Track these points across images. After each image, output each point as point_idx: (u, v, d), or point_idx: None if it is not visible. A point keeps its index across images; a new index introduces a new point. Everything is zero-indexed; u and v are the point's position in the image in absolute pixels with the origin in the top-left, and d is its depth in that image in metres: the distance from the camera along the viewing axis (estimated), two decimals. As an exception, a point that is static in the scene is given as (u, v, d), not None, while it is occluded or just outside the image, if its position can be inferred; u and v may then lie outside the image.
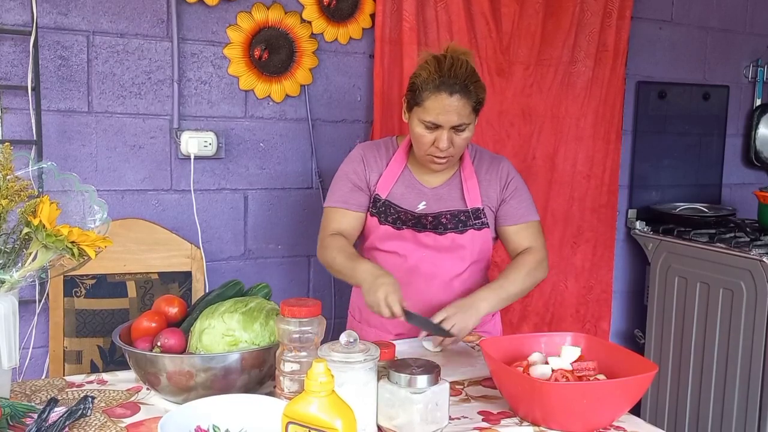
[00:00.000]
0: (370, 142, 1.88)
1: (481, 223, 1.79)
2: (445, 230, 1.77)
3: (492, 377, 1.37)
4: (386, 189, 1.78)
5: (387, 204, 1.78)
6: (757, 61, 3.13)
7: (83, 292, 1.96)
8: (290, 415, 0.97)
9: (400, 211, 1.78)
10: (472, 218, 1.78)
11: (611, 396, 1.22)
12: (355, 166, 1.80)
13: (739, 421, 2.45)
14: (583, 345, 1.38)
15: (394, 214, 1.77)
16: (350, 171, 1.80)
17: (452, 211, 1.78)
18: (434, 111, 1.63)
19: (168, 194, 2.23)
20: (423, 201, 1.79)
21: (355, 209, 1.78)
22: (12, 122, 2.01)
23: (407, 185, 1.80)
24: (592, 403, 1.20)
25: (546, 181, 2.70)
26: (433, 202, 1.79)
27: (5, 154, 1.21)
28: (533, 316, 2.74)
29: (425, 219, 1.77)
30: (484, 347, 1.33)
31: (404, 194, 1.79)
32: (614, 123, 2.77)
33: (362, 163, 1.80)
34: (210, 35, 2.21)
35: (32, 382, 1.41)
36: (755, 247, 2.42)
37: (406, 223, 1.77)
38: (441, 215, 1.77)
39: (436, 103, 1.63)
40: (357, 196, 1.78)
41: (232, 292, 1.49)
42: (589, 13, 2.66)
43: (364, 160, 1.81)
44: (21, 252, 1.23)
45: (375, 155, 1.81)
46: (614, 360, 1.33)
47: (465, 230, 1.78)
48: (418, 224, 1.77)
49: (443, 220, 1.77)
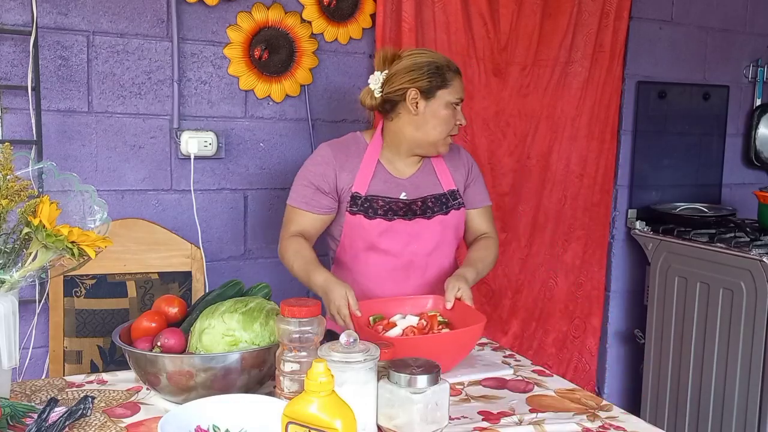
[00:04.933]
0: (336, 141, 1.88)
1: (459, 203, 1.90)
2: (433, 214, 1.85)
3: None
4: (365, 186, 1.81)
5: (371, 199, 1.80)
6: (757, 61, 3.13)
7: (83, 292, 1.96)
8: (290, 415, 0.98)
9: (390, 201, 1.81)
10: (451, 199, 1.89)
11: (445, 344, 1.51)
12: (322, 169, 1.81)
13: (739, 421, 2.45)
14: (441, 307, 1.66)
15: (385, 206, 1.80)
16: (317, 173, 1.81)
17: (434, 194, 1.87)
18: (459, 89, 1.79)
19: (168, 194, 2.23)
20: (403, 192, 1.84)
21: (317, 211, 1.81)
22: (12, 122, 2.02)
23: (383, 179, 1.84)
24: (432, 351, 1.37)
25: (539, 180, 2.72)
26: (412, 191, 1.85)
27: (5, 154, 1.21)
28: (522, 311, 2.76)
29: (414, 205, 1.83)
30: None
31: (383, 188, 1.83)
32: (609, 123, 2.78)
33: (331, 166, 1.81)
34: (210, 35, 2.22)
35: (32, 382, 1.41)
36: (755, 247, 2.42)
37: (397, 213, 1.81)
38: (427, 200, 1.85)
39: (458, 82, 1.79)
40: (320, 198, 1.80)
41: (232, 292, 1.49)
42: (586, 13, 2.67)
43: (335, 161, 1.81)
44: (21, 252, 1.23)
45: (345, 155, 1.83)
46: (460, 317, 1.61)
47: (448, 211, 1.87)
48: (408, 212, 1.82)
49: (430, 204, 1.85)
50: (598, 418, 1.33)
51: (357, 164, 1.82)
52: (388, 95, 1.78)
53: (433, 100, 1.76)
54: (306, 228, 1.81)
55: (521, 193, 2.69)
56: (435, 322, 1.60)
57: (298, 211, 1.81)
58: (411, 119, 1.78)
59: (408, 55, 1.79)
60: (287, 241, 1.79)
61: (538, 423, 1.29)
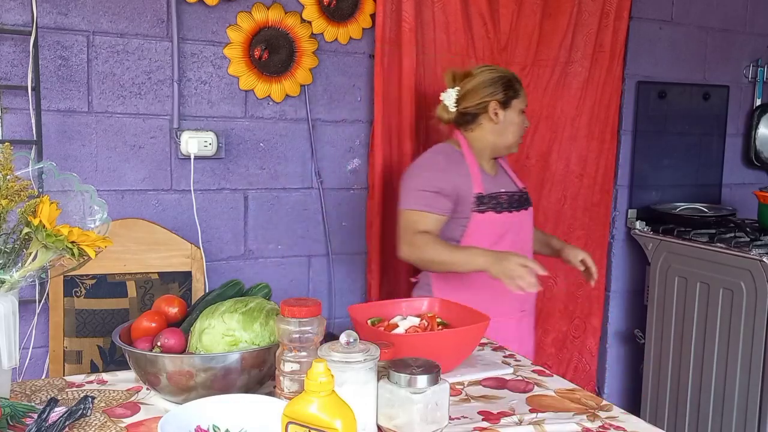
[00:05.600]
0: (439, 150, 2.07)
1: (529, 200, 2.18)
2: (528, 206, 2.14)
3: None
4: (480, 186, 2.00)
5: (494, 196, 2.02)
6: (757, 61, 3.14)
7: (83, 292, 1.96)
8: (290, 415, 0.98)
9: (512, 194, 2.07)
10: (526, 195, 2.15)
11: (448, 342, 1.51)
12: (440, 174, 1.97)
13: (739, 421, 2.45)
14: (437, 307, 1.69)
15: (508, 199, 2.05)
16: (435, 178, 1.96)
17: (519, 191, 2.13)
18: (525, 97, 2.08)
19: (168, 194, 2.23)
20: (502, 188, 2.08)
21: (438, 212, 1.95)
22: (12, 122, 2.02)
23: (487, 179, 2.05)
24: (434, 349, 1.42)
25: (539, 179, 2.72)
26: (501, 188, 2.08)
27: (5, 154, 1.21)
28: None
29: (522, 197, 2.11)
30: (351, 313, 1.55)
31: (491, 186, 2.04)
32: (609, 123, 2.78)
33: (447, 171, 1.98)
34: (210, 35, 2.22)
35: (32, 382, 1.41)
36: (755, 247, 2.42)
37: (512, 205, 2.06)
38: (517, 194, 2.10)
39: (523, 92, 2.07)
40: (441, 201, 1.95)
41: (232, 292, 1.49)
42: (586, 13, 2.67)
43: (448, 167, 1.99)
44: (21, 252, 1.23)
45: (452, 162, 2.01)
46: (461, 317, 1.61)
47: (530, 206, 2.15)
48: (519, 203, 2.09)
49: (524, 198, 2.13)
50: (598, 418, 1.33)
51: (462, 169, 2.00)
52: (468, 109, 2.02)
53: (509, 109, 2.03)
54: (430, 228, 1.94)
55: (521, 193, 2.69)
56: (434, 322, 1.60)
57: (420, 214, 1.93)
58: (492, 127, 2.03)
59: (480, 72, 2.03)
60: (418, 237, 1.91)
61: (538, 423, 1.29)
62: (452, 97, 2.04)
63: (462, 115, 2.05)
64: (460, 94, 2.04)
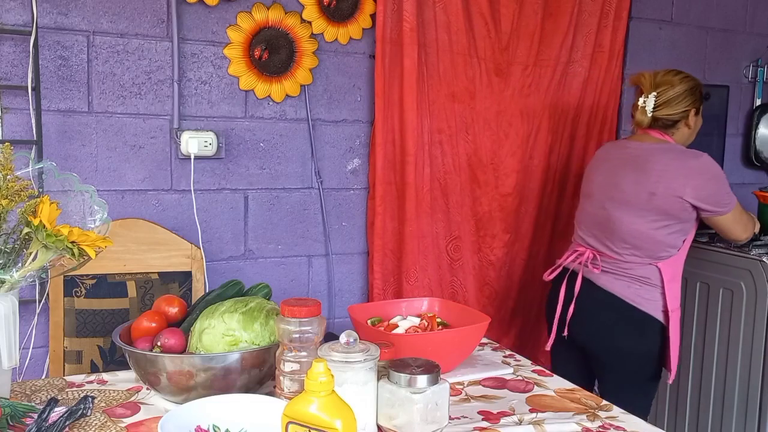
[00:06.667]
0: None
1: None
2: None
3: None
4: None
5: None
6: (757, 61, 3.14)
7: (83, 292, 1.96)
8: (290, 415, 0.98)
9: None
10: None
11: (448, 342, 1.52)
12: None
13: (739, 421, 2.45)
14: (437, 307, 1.71)
15: None
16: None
17: None
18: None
19: (168, 194, 2.23)
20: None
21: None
22: (12, 122, 2.02)
23: None
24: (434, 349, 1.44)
25: (541, 180, 2.71)
26: None
27: (5, 154, 1.21)
28: (522, 310, 2.76)
29: None
30: (351, 313, 1.57)
31: None
32: (608, 123, 2.78)
33: None
34: (210, 35, 2.22)
35: (32, 382, 1.41)
36: (755, 247, 2.42)
37: None
38: None
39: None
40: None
41: (232, 292, 1.49)
42: (586, 13, 2.66)
43: None
44: (21, 252, 1.23)
45: None
46: (461, 317, 1.63)
47: None
48: None
49: None
50: (598, 418, 1.33)
51: None
52: (671, 116, 2.11)
53: (699, 115, 2.17)
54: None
55: (524, 194, 2.69)
56: (434, 322, 1.60)
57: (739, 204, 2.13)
58: (687, 131, 2.16)
59: (681, 80, 2.12)
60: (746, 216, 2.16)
61: (538, 423, 1.29)
62: (652, 102, 2.12)
63: (657, 120, 2.13)
64: (660, 101, 2.11)
